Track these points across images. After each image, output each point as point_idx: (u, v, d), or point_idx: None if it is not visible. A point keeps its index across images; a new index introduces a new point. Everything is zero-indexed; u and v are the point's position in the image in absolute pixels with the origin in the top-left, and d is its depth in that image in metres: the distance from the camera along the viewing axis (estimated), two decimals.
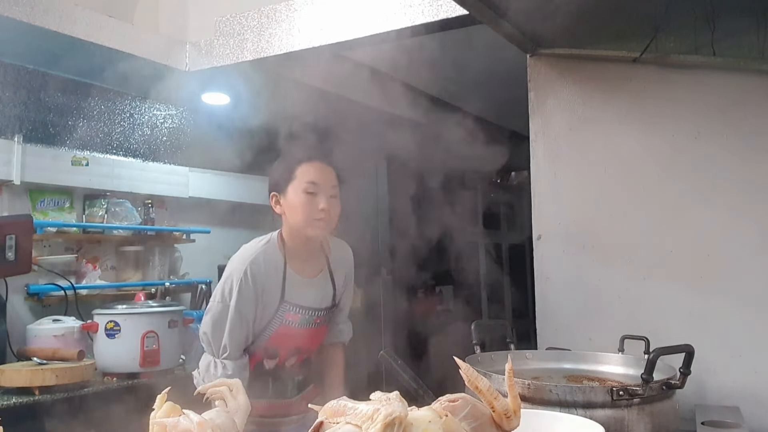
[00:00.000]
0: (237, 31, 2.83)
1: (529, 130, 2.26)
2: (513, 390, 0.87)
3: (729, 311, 1.88)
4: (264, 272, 1.93)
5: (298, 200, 1.92)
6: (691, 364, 1.31)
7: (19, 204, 3.02)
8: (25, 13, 2.42)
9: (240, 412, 1.00)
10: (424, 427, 0.74)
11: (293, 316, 1.98)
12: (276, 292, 1.95)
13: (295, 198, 1.93)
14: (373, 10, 2.47)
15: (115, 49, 2.73)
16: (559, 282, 2.17)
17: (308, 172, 1.94)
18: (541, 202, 2.24)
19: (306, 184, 1.93)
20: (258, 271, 1.92)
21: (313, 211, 1.92)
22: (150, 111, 3.65)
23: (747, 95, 1.89)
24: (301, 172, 1.95)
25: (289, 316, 1.97)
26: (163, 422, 0.80)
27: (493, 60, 2.51)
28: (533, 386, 1.31)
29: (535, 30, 2.08)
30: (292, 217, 1.95)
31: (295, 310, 1.98)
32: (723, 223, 1.91)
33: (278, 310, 1.96)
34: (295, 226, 1.95)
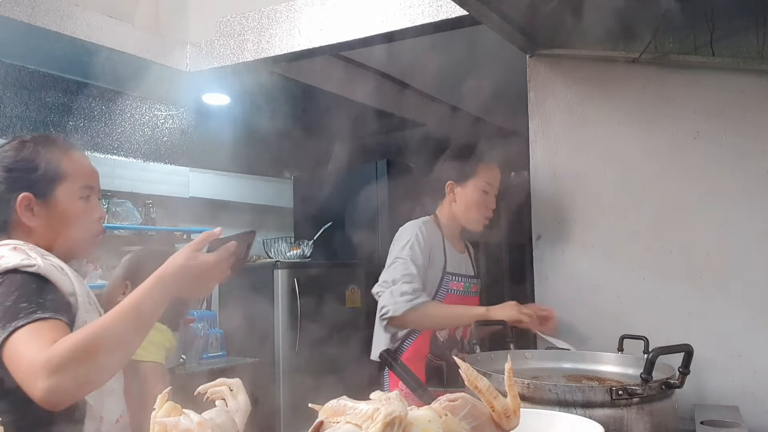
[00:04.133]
0: (237, 32, 2.83)
1: (529, 130, 2.26)
2: (512, 390, 0.87)
3: (728, 311, 1.88)
4: (429, 238, 2.10)
5: (475, 197, 2.12)
6: (690, 363, 1.31)
7: None
8: (25, 13, 2.42)
9: (240, 412, 1.00)
10: (423, 427, 0.74)
11: (457, 284, 2.17)
12: (440, 262, 2.13)
13: (473, 194, 2.12)
14: (373, 11, 2.48)
15: (115, 49, 2.73)
16: (559, 282, 2.18)
17: (488, 173, 2.13)
18: (541, 202, 2.24)
19: (484, 184, 2.12)
20: (426, 235, 2.10)
21: (485, 210, 2.13)
22: (150, 111, 3.65)
23: (746, 95, 1.89)
24: (482, 171, 2.13)
25: (453, 285, 2.16)
26: (164, 422, 0.80)
27: (493, 60, 2.51)
28: (533, 386, 1.31)
29: (535, 30, 2.08)
30: (465, 210, 2.14)
31: (457, 279, 2.18)
32: (722, 223, 1.91)
33: (443, 280, 2.13)
34: (464, 218, 2.16)
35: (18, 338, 1.15)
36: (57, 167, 1.38)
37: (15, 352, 1.15)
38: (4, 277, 1.22)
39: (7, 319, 1.17)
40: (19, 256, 1.25)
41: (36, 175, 1.36)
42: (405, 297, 1.99)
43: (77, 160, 1.42)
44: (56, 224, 1.38)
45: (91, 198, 1.43)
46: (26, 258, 1.26)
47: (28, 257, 1.27)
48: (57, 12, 2.52)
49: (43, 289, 1.24)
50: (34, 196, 1.35)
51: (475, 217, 2.14)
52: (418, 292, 2.01)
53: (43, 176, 1.36)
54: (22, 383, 1.14)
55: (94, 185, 1.45)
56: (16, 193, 1.34)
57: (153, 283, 1.22)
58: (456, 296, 2.15)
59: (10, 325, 1.16)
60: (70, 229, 1.39)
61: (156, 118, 3.69)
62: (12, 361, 1.15)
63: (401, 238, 2.12)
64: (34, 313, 1.18)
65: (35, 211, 1.36)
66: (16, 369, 1.15)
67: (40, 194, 1.36)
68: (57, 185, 1.37)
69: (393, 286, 2.03)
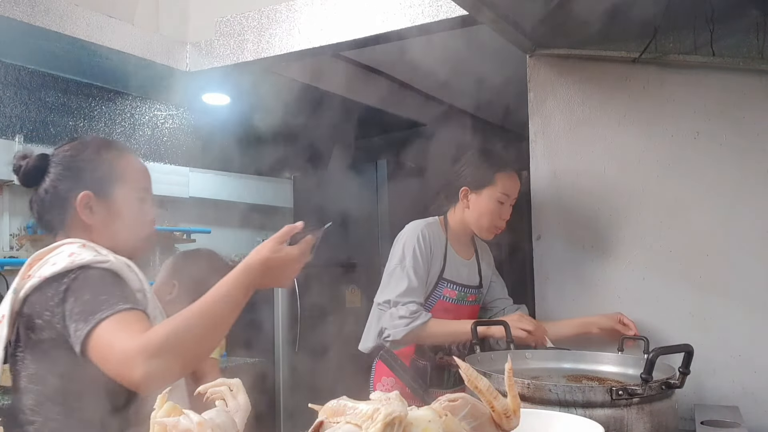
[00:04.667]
0: (237, 32, 2.83)
1: (529, 130, 2.26)
2: (512, 390, 0.87)
3: (728, 311, 1.88)
4: (431, 240, 2.07)
5: (489, 206, 2.07)
6: (690, 363, 1.31)
7: (20, 204, 3.02)
8: (25, 13, 2.42)
9: (240, 412, 1.00)
10: (423, 427, 0.74)
11: (450, 292, 2.12)
12: (438, 265, 2.09)
13: (488, 203, 2.07)
14: (373, 11, 2.48)
15: (115, 49, 2.73)
16: (559, 282, 2.18)
17: (505, 183, 2.07)
18: (541, 202, 2.24)
19: (500, 194, 2.06)
20: (427, 236, 2.07)
21: (498, 220, 2.08)
22: (150, 111, 3.65)
23: (746, 95, 1.89)
24: (500, 180, 2.07)
25: (446, 292, 2.11)
26: (164, 422, 0.80)
27: (492, 60, 2.51)
28: (533, 386, 1.31)
29: (535, 30, 2.08)
30: (477, 217, 2.09)
31: (452, 286, 2.12)
32: (722, 222, 1.91)
33: (437, 285, 2.09)
34: (475, 225, 2.11)
35: (105, 329, 1.17)
36: (116, 168, 1.42)
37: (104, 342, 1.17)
38: (77, 273, 1.25)
39: (90, 312, 1.19)
40: (91, 253, 1.29)
41: (97, 174, 1.39)
42: (403, 321, 1.97)
43: (134, 162, 1.47)
44: (113, 223, 1.41)
45: (145, 200, 1.46)
46: (98, 255, 1.29)
47: (99, 254, 1.30)
48: (57, 12, 2.52)
49: (118, 284, 1.28)
50: (94, 195, 1.38)
51: (487, 226, 2.08)
52: (416, 313, 1.97)
53: (104, 176, 1.40)
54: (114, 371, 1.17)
55: (148, 188, 1.48)
56: (77, 192, 1.37)
57: (241, 273, 1.25)
58: (448, 303, 2.10)
59: (93, 317, 1.18)
60: (125, 229, 1.42)
61: (156, 118, 3.69)
62: (101, 351, 1.17)
63: (403, 240, 2.09)
64: (116, 304, 1.21)
65: (94, 210, 1.39)
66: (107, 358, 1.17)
67: (100, 193, 1.39)
68: (116, 185, 1.41)
69: (392, 308, 2.00)
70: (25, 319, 1.29)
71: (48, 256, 1.32)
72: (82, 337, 1.18)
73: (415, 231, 2.08)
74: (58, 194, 1.38)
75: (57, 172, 1.39)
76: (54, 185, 1.39)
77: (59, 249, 1.32)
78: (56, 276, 1.25)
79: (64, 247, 1.32)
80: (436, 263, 2.09)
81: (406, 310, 1.97)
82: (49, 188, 1.39)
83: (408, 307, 1.98)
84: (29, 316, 1.28)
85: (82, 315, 1.20)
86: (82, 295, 1.22)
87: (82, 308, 1.20)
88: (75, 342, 1.19)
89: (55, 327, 1.24)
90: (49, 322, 1.24)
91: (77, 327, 1.19)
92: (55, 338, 1.24)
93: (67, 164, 1.40)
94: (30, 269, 1.34)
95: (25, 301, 1.29)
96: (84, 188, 1.37)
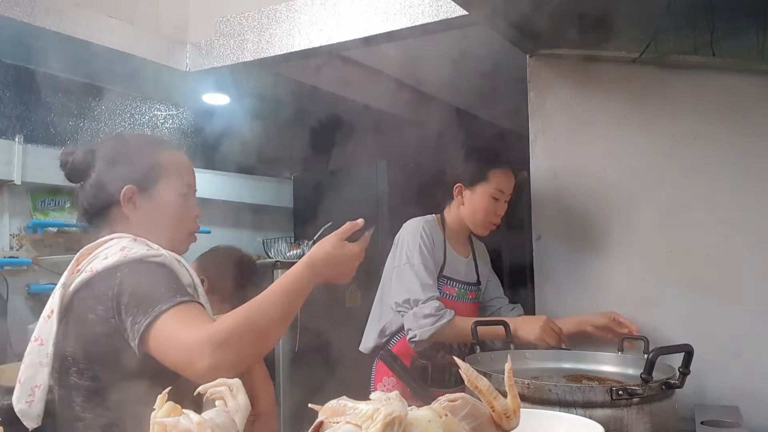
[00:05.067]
0: (237, 32, 2.83)
1: (529, 130, 2.26)
2: (513, 390, 0.87)
3: (728, 311, 1.88)
4: (431, 236, 2.08)
5: (483, 203, 2.07)
6: (690, 363, 1.31)
7: (20, 204, 3.02)
8: (25, 13, 2.42)
9: (240, 412, 1.00)
10: (423, 427, 0.74)
11: (450, 289, 2.14)
12: (439, 262, 2.10)
13: (481, 200, 2.07)
14: (373, 11, 2.48)
15: (115, 49, 2.73)
16: (559, 282, 2.18)
17: (499, 179, 2.08)
18: (541, 202, 2.24)
19: (494, 191, 2.07)
20: (428, 235, 2.07)
21: (492, 216, 2.09)
22: (150, 111, 3.65)
23: (746, 95, 1.89)
24: (494, 176, 2.07)
25: (446, 289, 2.13)
26: (164, 422, 0.80)
27: (493, 60, 2.51)
28: (533, 386, 1.31)
29: (535, 30, 2.08)
30: (472, 214, 2.11)
31: (452, 283, 2.14)
32: (722, 223, 1.91)
33: (437, 282, 2.09)
34: (470, 221, 2.12)
35: (166, 321, 1.16)
36: (161, 162, 1.41)
37: (166, 334, 1.16)
38: (131, 267, 1.24)
39: (148, 304, 1.18)
40: (143, 247, 1.28)
41: (141, 168, 1.39)
42: (429, 319, 1.94)
43: (179, 157, 1.47)
44: (156, 218, 1.40)
45: (189, 196, 1.45)
46: (150, 248, 1.29)
47: (151, 248, 1.29)
48: (57, 12, 2.52)
49: (172, 277, 1.27)
50: (138, 188, 1.38)
51: (482, 223, 2.10)
52: (440, 311, 1.96)
53: (148, 170, 1.39)
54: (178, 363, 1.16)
55: (192, 184, 1.47)
56: (121, 185, 1.36)
57: (304, 267, 1.27)
58: (448, 300, 2.09)
59: (153, 310, 1.17)
60: (168, 224, 1.41)
61: (156, 118, 3.69)
62: (162, 343, 1.17)
63: (406, 239, 2.08)
64: (174, 297, 1.20)
65: (137, 204, 1.38)
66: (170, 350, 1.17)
67: (144, 187, 1.38)
68: (160, 179, 1.40)
69: (414, 308, 1.97)
70: (75, 314, 1.27)
71: (98, 251, 1.31)
72: (141, 330, 1.17)
73: (416, 228, 2.08)
74: (102, 188, 1.38)
75: (102, 167, 1.39)
76: (99, 179, 1.38)
77: (109, 243, 1.31)
78: (109, 270, 1.24)
79: (113, 241, 1.32)
80: (436, 260, 2.09)
81: (429, 307, 1.95)
82: (94, 182, 1.39)
83: (431, 304, 1.96)
84: (80, 311, 1.26)
85: (141, 308, 1.18)
86: (139, 288, 1.21)
87: (140, 301, 1.19)
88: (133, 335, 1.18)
89: (109, 321, 1.22)
90: (102, 317, 1.23)
91: (135, 320, 1.18)
92: (109, 333, 1.23)
93: (111, 158, 1.39)
94: (78, 264, 1.32)
95: (74, 296, 1.28)
96: (128, 182, 1.37)
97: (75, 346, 1.27)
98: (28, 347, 1.30)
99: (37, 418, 1.25)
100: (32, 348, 1.28)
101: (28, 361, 1.28)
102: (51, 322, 1.26)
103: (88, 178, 1.40)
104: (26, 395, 1.26)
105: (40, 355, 1.26)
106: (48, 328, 1.27)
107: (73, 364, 1.27)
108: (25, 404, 1.25)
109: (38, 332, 1.29)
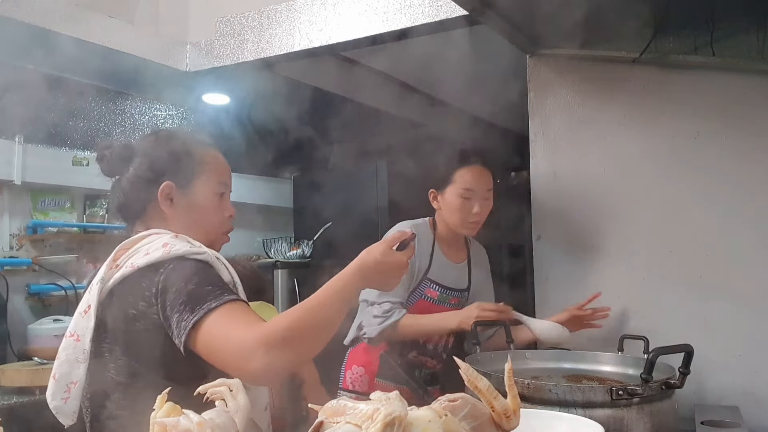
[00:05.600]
0: (237, 32, 2.83)
1: (529, 131, 2.26)
2: (513, 390, 0.87)
3: (728, 311, 1.88)
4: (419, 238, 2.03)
5: (455, 203, 2.05)
6: (690, 363, 1.31)
7: (20, 204, 3.02)
8: (25, 13, 2.42)
9: (240, 412, 1.00)
10: (423, 427, 0.74)
11: (432, 292, 2.12)
12: (424, 264, 2.09)
13: (452, 200, 2.05)
14: (373, 11, 2.48)
15: (115, 49, 2.73)
16: (559, 282, 2.18)
17: (465, 178, 2.04)
18: (541, 202, 2.24)
19: (463, 190, 2.03)
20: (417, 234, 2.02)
21: (468, 215, 2.04)
22: (150, 111, 3.65)
23: (746, 95, 1.89)
24: (459, 176, 2.04)
25: (428, 291, 2.12)
26: (163, 422, 0.80)
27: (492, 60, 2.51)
28: (533, 386, 1.31)
29: (535, 30, 2.08)
30: (449, 216, 2.08)
31: (435, 287, 2.12)
32: (722, 223, 1.91)
33: (420, 284, 2.10)
34: (450, 223, 2.10)
35: (215, 320, 1.15)
36: (199, 160, 1.42)
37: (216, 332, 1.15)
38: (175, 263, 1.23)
39: (196, 302, 1.17)
40: (185, 244, 1.27)
41: (179, 165, 1.39)
42: (377, 320, 1.99)
43: (216, 156, 1.47)
44: (192, 215, 1.40)
45: (225, 195, 1.46)
46: (192, 246, 1.28)
47: (193, 245, 1.29)
48: (57, 12, 2.52)
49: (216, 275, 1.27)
50: (176, 185, 1.38)
51: (460, 223, 2.06)
52: (389, 312, 1.99)
53: (186, 167, 1.39)
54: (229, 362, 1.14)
55: (228, 183, 1.48)
56: (158, 182, 1.37)
57: (354, 272, 1.27)
58: (429, 303, 2.10)
59: (201, 307, 1.16)
60: (203, 222, 1.41)
61: (156, 118, 3.69)
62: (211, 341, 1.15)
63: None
64: (222, 295, 1.19)
65: (174, 201, 1.38)
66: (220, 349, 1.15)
67: (181, 184, 1.39)
68: (197, 177, 1.40)
69: (369, 307, 2.03)
70: (114, 310, 1.25)
71: (137, 246, 1.30)
72: (188, 328, 1.15)
73: (404, 227, 2.08)
74: (140, 183, 1.38)
75: (140, 162, 1.39)
76: (137, 174, 1.38)
77: (149, 239, 1.30)
78: (151, 266, 1.23)
79: (153, 236, 1.31)
80: (422, 262, 2.09)
81: (379, 309, 2.00)
82: (131, 177, 1.39)
83: (382, 306, 2.00)
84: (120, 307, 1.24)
85: (188, 305, 1.17)
86: (186, 285, 1.19)
87: (187, 298, 1.18)
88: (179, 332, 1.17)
89: (152, 317, 1.21)
90: (144, 313, 1.22)
91: (182, 317, 1.16)
92: (151, 329, 1.21)
93: (151, 154, 1.39)
94: (117, 259, 1.31)
95: (113, 291, 1.26)
96: (166, 179, 1.37)
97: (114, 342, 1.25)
98: (62, 342, 1.28)
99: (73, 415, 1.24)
100: (67, 343, 1.26)
101: (63, 357, 1.26)
102: (88, 317, 1.25)
103: (125, 173, 1.40)
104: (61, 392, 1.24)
105: (76, 351, 1.25)
106: (84, 323, 1.25)
107: (111, 360, 1.26)
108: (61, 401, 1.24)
109: (73, 327, 1.27)
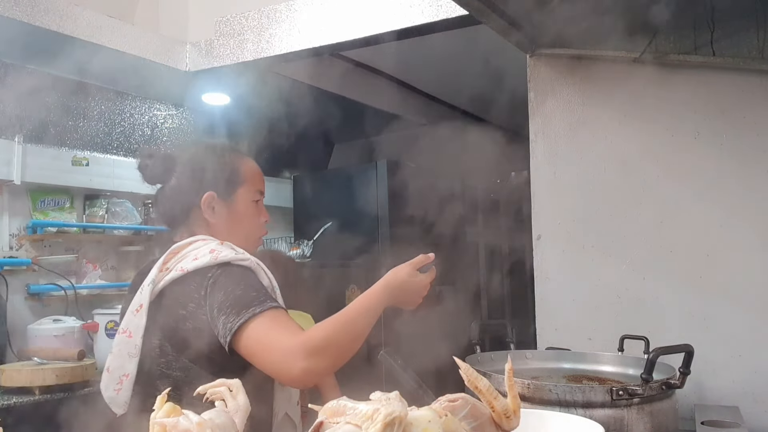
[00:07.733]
0: (237, 32, 2.83)
1: (529, 130, 2.26)
2: (513, 390, 0.87)
3: (728, 311, 1.88)
4: None
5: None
6: (690, 363, 1.31)
7: (19, 204, 3.02)
8: (25, 13, 2.42)
9: (240, 412, 1.00)
10: (423, 427, 0.74)
11: None
12: None
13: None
14: (374, 11, 2.48)
15: (115, 49, 2.73)
16: (559, 282, 2.18)
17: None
18: (541, 202, 2.24)
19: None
20: None
21: None
22: (150, 111, 3.65)
23: (747, 95, 1.89)
24: None
25: None
26: (163, 422, 0.80)
27: (492, 60, 2.51)
28: (533, 386, 1.31)
29: (535, 30, 2.08)
30: None
31: None
32: (723, 222, 1.91)
33: None
34: None
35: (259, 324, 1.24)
36: (239, 171, 1.52)
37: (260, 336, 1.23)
38: (222, 269, 1.32)
39: (242, 306, 1.26)
40: (231, 251, 1.37)
41: (222, 176, 1.50)
42: None
43: (253, 166, 1.58)
44: (231, 223, 1.50)
45: (260, 202, 1.56)
46: (237, 252, 1.38)
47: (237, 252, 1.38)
48: (57, 12, 2.52)
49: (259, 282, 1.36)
50: (217, 195, 1.48)
51: None
52: None
53: (228, 178, 1.50)
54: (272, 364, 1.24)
55: (263, 190, 1.58)
56: (201, 192, 1.47)
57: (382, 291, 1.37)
58: None
59: (246, 311, 1.24)
60: (241, 229, 1.52)
61: (156, 118, 3.69)
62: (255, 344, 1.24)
63: None
64: (266, 301, 1.28)
65: (216, 210, 1.48)
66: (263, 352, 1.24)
67: (223, 194, 1.49)
68: (238, 187, 1.51)
69: None
70: (166, 309, 1.34)
71: (185, 251, 1.39)
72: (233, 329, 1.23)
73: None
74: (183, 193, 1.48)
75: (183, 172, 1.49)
76: (180, 184, 1.49)
77: (196, 245, 1.40)
78: (200, 270, 1.32)
79: (200, 242, 1.40)
80: None
81: None
82: (175, 187, 1.50)
83: None
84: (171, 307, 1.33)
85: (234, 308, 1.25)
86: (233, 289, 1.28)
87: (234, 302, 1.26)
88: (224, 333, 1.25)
89: (200, 318, 1.29)
90: (193, 313, 1.30)
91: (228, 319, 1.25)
92: (199, 328, 1.29)
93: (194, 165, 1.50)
94: (167, 263, 1.40)
95: (164, 293, 1.35)
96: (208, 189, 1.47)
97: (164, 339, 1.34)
98: (115, 338, 1.38)
99: (124, 405, 1.34)
100: (120, 339, 1.36)
101: (116, 351, 1.36)
102: (140, 316, 1.34)
103: (168, 182, 1.51)
104: (114, 383, 1.35)
105: (128, 346, 1.34)
106: (137, 321, 1.35)
107: (162, 355, 1.34)
108: (113, 392, 1.35)
109: (126, 324, 1.37)
